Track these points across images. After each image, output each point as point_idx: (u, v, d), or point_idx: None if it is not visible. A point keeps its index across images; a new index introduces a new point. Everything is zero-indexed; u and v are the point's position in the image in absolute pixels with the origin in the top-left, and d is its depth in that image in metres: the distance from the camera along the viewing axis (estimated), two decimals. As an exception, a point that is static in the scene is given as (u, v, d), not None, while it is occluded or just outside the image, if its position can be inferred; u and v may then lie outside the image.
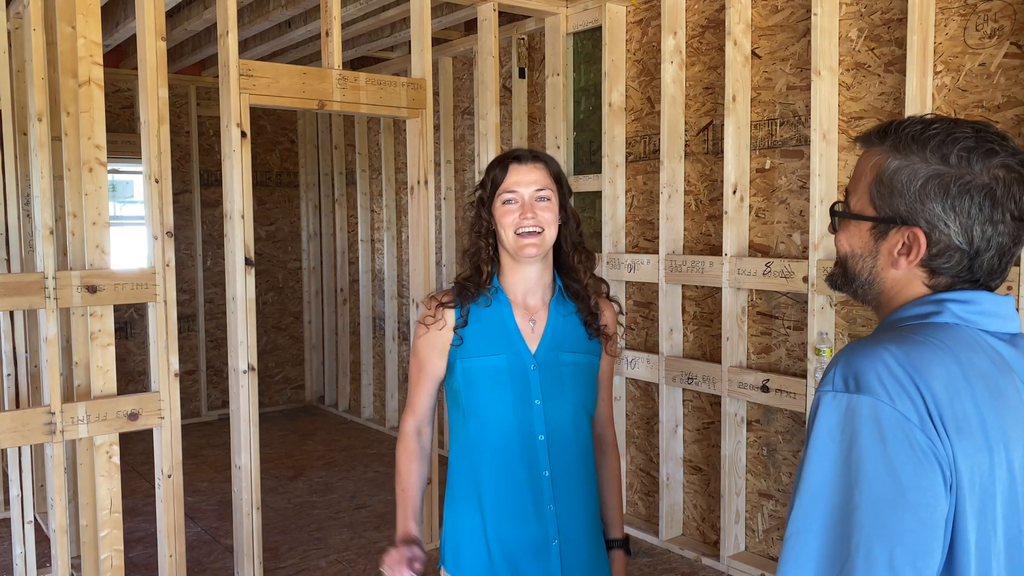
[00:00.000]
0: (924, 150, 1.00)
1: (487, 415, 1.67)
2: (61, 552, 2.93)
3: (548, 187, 1.67)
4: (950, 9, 2.94)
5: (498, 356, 1.67)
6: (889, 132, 1.05)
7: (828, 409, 0.94)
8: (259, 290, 6.81)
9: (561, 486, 1.68)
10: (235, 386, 3.23)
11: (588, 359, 1.74)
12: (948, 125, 1.01)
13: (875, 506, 0.89)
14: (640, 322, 4.22)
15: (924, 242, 1.01)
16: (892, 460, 0.89)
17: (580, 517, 1.71)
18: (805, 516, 0.93)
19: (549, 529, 1.67)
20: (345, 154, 6.66)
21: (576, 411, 1.70)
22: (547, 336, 1.70)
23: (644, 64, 4.10)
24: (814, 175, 3.26)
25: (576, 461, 1.71)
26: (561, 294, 1.74)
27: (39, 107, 2.90)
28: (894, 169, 1.02)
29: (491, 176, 1.70)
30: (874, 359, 0.94)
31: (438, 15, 4.53)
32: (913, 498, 0.89)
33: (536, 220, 1.64)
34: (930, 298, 1.03)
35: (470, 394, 1.68)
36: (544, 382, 1.67)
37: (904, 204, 1.01)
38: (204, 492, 4.87)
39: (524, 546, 1.66)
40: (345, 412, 6.69)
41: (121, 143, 5.86)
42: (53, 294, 2.81)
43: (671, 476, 3.97)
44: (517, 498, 1.66)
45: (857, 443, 0.91)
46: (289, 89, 3.30)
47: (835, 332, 3.35)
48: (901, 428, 0.90)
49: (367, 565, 3.76)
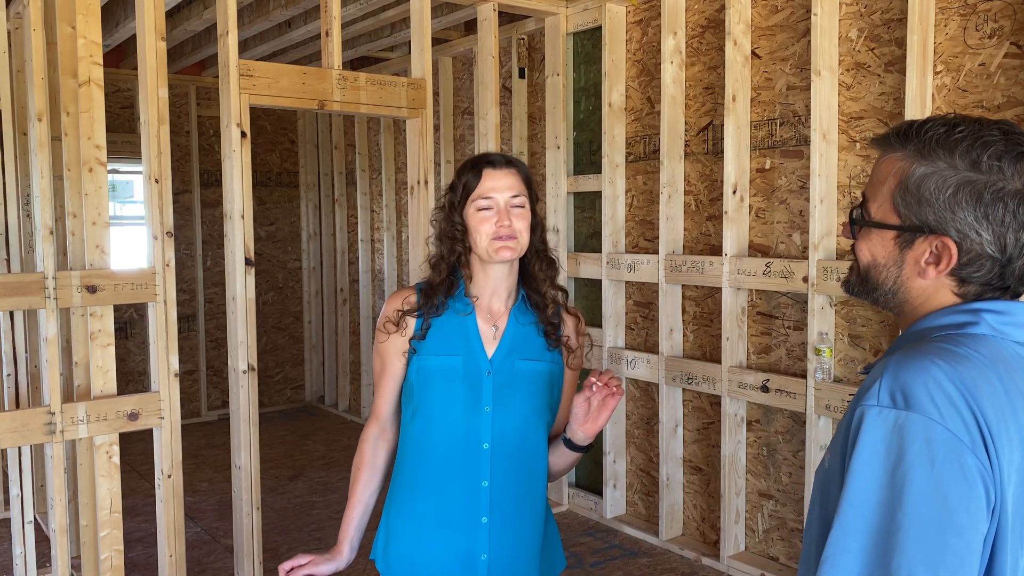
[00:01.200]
0: (952, 155, 0.96)
1: (435, 416, 1.63)
2: (61, 552, 2.93)
3: (522, 193, 1.64)
4: (950, 9, 2.94)
5: (455, 357, 1.64)
6: (911, 135, 1.00)
7: (874, 425, 0.90)
8: (259, 290, 6.81)
9: (499, 499, 1.62)
10: (235, 386, 3.23)
11: (546, 367, 1.69)
12: (975, 128, 0.96)
13: (920, 528, 0.85)
14: (640, 322, 4.22)
15: (955, 252, 0.97)
16: (941, 481, 0.86)
17: (516, 532, 1.65)
18: (844, 535, 0.89)
19: (479, 542, 1.61)
20: (345, 154, 6.66)
21: (526, 419, 1.65)
22: (505, 342, 1.67)
23: (644, 64, 4.10)
24: (814, 175, 3.26)
25: (520, 473, 1.65)
26: (524, 302, 1.71)
27: (39, 107, 2.90)
28: (921, 176, 0.97)
29: (463, 180, 1.64)
30: (923, 374, 0.91)
31: (438, 15, 4.53)
32: (960, 521, 0.86)
33: (511, 228, 1.61)
34: (964, 307, 1.00)
35: (421, 392, 1.64)
36: (496, 389, 1.63)
37: (933, 213, 0.97)
38: (204, 492, 4.87)
39: (451, 557, 1.62)
40: (345, 412, 6.68)
41: (121, 143, 5.86)
42: (53, 294, 2.81)
43: (671, 476, 3.97)
44: (450, 506, 1.62)
45: (904, 462, 0.87)
46: (289, 89, 3.30)
47: (835, 332, 3.35)
48: (952, 448, 0.87)
49: (367, 565, 3.75)
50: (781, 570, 3.54)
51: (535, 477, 1.68)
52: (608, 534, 4.15)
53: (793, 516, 3.55)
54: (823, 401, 3.26)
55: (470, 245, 1.65)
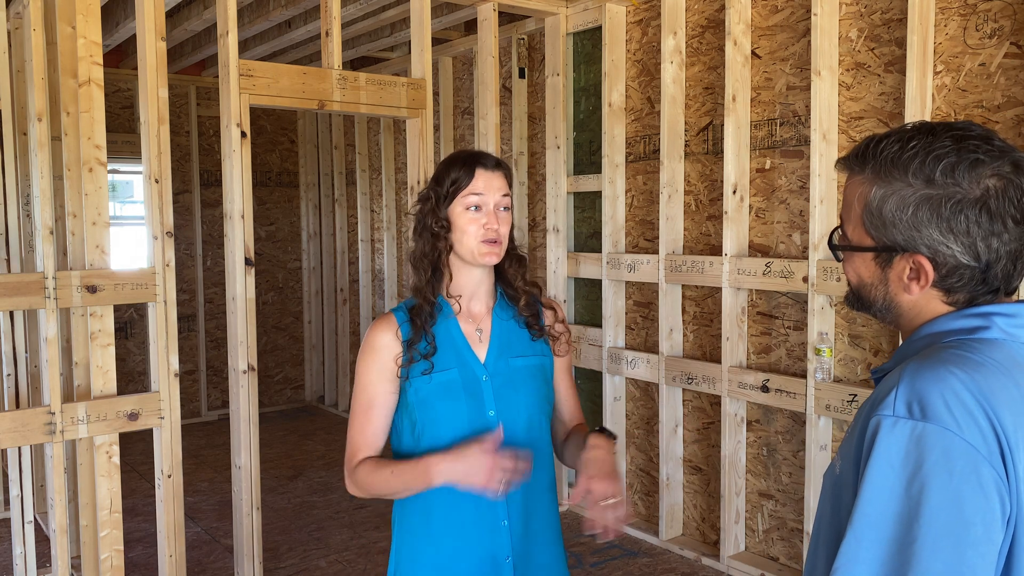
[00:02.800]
0: (906, 174, 0.96)
1: (443, 433, 1.59)
2: (61, 552, 2.93)
3: (509, 195, 1.64)
4: (950, 9, 2.94)
5: (450, 370, 1.61)
6: (868, 156, 1.00)
7: (889, 436, 0.89)
8: (259, 290, 6.81)
9: (516, 499, 1.61)
10: (235, 386, 3.23)
11: (538, 360, 1.70)
12: (926, 141, 0.96)
13: (937, 540, 0.84)
14: (640, 322, 4.22)
15: (930, 268, 0.97)
16: (959, 493, 0.85)
17: (536, 529, 1.66)
18: (858, 546, 0.88)
19: (503, 546, 1.61)
20: (345, 154, 6.66)
21: (530, 416, 1.65)
22: (494, 343, 1.66)
23: (644, 64, 4.10)
24: (814, 175, 3.26)
25: (533, 470, 1.62)
26: (503, 298, 1.71)
27: (39, 107, 2.90)
28: (881, 198, 0.98)
29: (451, 176, 1.61)
30: (940, 384, 0.90)
31: (438, 15, 4.53)
32: (976, 533, 0.85)
33: (498, 232, 1.60)
34: (974, 311, 0.99)
35: (424, 412, 1.60)
36: (497, 391, 1.62)
37: (900, 233, 0.97)
38: (204, 492, 4.87)
39: (475, 564, 1.60)
40: (345, 412, 6.68)
41: (121, 143, 5.86)
42: (53, 294, 2.81)
43: (671, 476, 3.97)
44: (469, 517, 1.60)
45: (921, 473, 0.86)
46: (289, 89, 3.30)
47: (835, 332, 3.35)
48: (970, 460, 0.86)
49: (367, 565, 3.75)
50: (781, 570, 3.54)
51: (545, 472, 1.69)
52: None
53: (793, 516, 3.55)
54: (823, 401, 3.26)
55: (452, 244, 1.62)
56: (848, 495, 0.96)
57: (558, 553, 1.72)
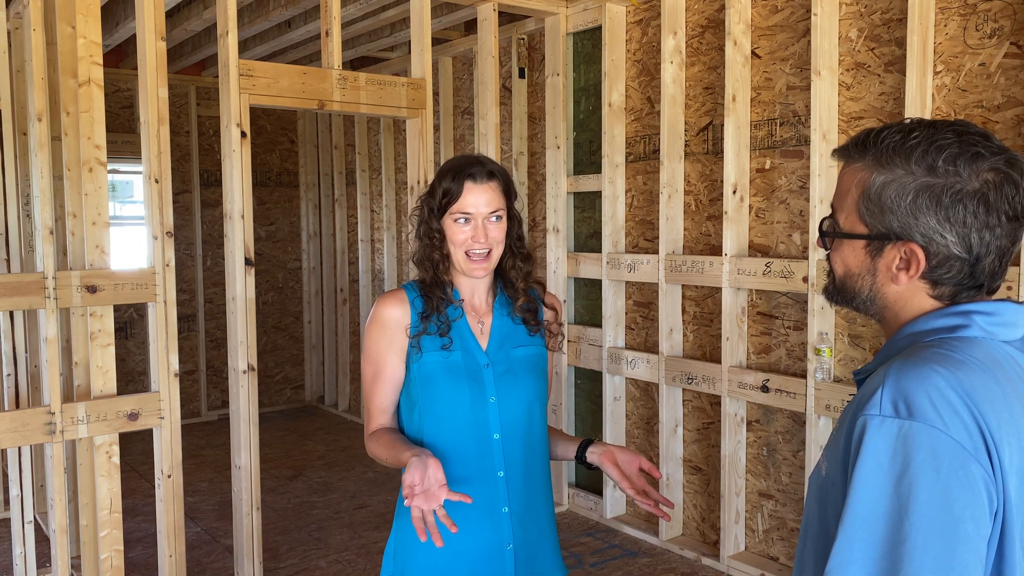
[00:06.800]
0: (908, 162, 0.97)
1: (444, 413, 1.64)
2: (61, 552, 2.93)
3: (501, 207, 1.66)
4: (950, 9, 2.94)
5: (454, 352, 1.67)
6: (869, 144, 1.01)
7: (876, 435, 0.90)
8: (259, 290, 6.81)
9: (516, 486, 1.66)
10: (235, 386, 3.23)
11: (537, 351, 1.75)
12: (929, 132, 0.98)
13: (927, 538, 0.85)
14: (640, 322, 4.22)
15: (923, 256, 0.98)
16: (947, 490, 0.86)
17: (536, 516, 1.70)
18: (850, 546, 0.88)
19: (503, 533, 1.65)
20: (345, 154, 6.66)
21: (530, 405, 1.70)
22: (495, 334, 1.72)
23: (644, 64, 4.10)
24: (814, 175, 3.26)
25: (532, 458, 1.70)
26: (502, 294, 1.76)
27: (39, 107, 2.90)
28: (881, 184, 0.99)
29: (443, 187, 1.65)
30: (925, 382, 0.91)
31: (438, 15, 4.53)
32: (966, 530, 0.86)
33: (487, 242, 1.64)
34: (954, 309, 1.00)
35: (426, 391, 1.65)
36: (498, 379, 1.68)
37: (897, 220, 0.99)
38: (204, 492, 4.87)
39: (476, 552, 1.63)
40: (345, 412, 6.68)
41: (121, 143, 5.86)
42: (53, 294, 2.81)
43: (671, 476, 3.97)
44: (471, 504, 1.60)
45: (909, 472, 0.87)
46: (289, 89, 3.30)
47: (835, 332, 3.35)
48: (957, 457, 0.87)
49: (367, 565, 3.75)
50: (781, 570, 3.54)
51: (543, 461, 1.74)
52: (608, 534, 4.15)
53: (793, 516, 3.55)
54: (823, 401, 3.26)
55: (448, 252, 1.68)
56: (835, 496, 0.97)
57: (554, 540, 1.76)
